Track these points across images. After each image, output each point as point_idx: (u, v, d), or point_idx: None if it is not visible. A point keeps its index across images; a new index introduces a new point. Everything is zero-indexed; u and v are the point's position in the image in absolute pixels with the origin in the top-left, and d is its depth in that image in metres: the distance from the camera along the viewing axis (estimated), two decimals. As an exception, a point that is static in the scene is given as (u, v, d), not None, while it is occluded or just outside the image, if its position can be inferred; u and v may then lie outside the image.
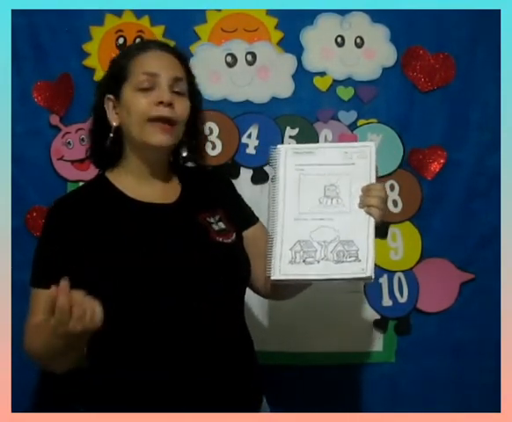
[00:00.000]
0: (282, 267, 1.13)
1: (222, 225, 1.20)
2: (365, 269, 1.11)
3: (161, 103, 1.13)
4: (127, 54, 1.20)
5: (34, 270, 1.16)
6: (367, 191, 1.14)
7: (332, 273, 1.12)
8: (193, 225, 1.18)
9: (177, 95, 1.16)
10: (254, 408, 1.20)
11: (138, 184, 1.20)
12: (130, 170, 1.20)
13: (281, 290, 1.26)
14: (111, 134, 1.18)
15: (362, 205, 1.14)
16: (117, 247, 1.11)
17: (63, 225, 1.14)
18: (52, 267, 1.11)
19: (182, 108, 1.16)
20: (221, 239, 1.18)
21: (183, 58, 1.22)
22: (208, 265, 1.14)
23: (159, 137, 1.14)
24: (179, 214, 1.19)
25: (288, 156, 1.19)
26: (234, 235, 1.20)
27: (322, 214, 1.15)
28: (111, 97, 1.18)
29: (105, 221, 1.14)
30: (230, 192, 1.32)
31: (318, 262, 1.12)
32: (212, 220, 1.21)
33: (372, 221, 1.14)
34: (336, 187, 1.16)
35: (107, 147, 1.19)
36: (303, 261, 1.13)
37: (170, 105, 1.13)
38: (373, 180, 1.16)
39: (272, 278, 1.13)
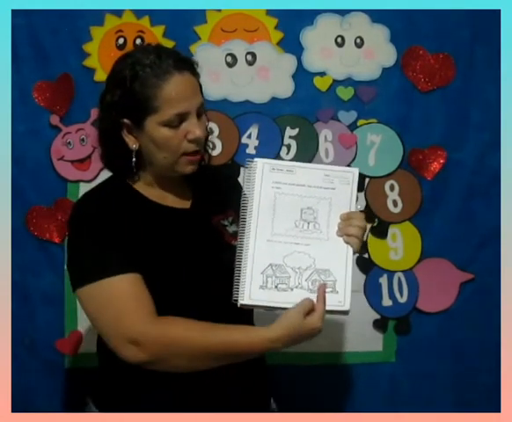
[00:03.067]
0: (252, 292, 1.06)
1: (235, 227, 1.19)
2: (343, 302, 1.07)
3: (193, 140, 1.11)
4: (146, 82, 1.08)
5: (100, 261, 1.05)
6: (347, 219, 1.09)
7: None
8: (210, 229, 1.18)
9: (199, 117, 1.13)
10: (263, 409, 1.21)
11: (154, 189, 1.18)
12: (146, 178, 1.18)
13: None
14: (134, 159, 1.13)
15: (341, 233, 1.09)
16: (142, 250, 1.08)
17: (105, 217, 1.09)
18: (120, 253, 1.06)
19: (204, 130, 1.14)
20: (235, 242, 1.17)
21: (194, 68, 1.15)
22: (225, 269, 1.12)
23: (190, 167, 1.14)
24: (196, 220, 1.18)
25: (265, 172, 1.11)
26: None
27: (297, 239, 1.09)
28: (128, 122, 1.11)
29: (132, 221, 1.10)
30: (238, 191, 1.32)
31: (292, 290, 1.06)
32: (226, 222, 1.21)
33: (351, 252, 1.09)
34: (314, 211, 1.10)
35: (132, 168, 1.15)
36: (275, 287, 1.06)
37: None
38: (353, 208, 1.11)
39: (240, 302, 1.06)
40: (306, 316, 1.03)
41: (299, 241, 1.09)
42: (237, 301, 1.06)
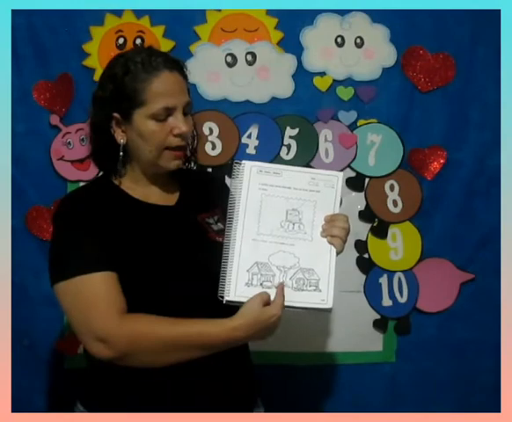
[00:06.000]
0: (238, 289, 1.09)
1: (220, 225, 1.21)
2: (325, 300, 1.10)
3: (179, 134, 1.14)
4: (136, 76, 1.12)
5: (74, 259, 1.08)
6: (331, 221, 1.13)
7: (291, 301, 1.09)
8: (193, 226, 1.20)
9: (185, 116, 1.17)
10: (248, 408, 1.21)
11: (139, 186, 1.21)
12: (132, 176, 1.21)
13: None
14: (121, 153, 1.17)
15: (325, 234, 1.13)
16: (122, 246, 1.11)
17: (86, 215, 1.12)
18: (95, 251, 1.09)
19: (190, 129, 1.18)
20: (220, 239, 1.18)
21: (183, 70, 1.20)
22: (207, 263, 1.14)
23: (175, 163, 1.17)
24: (180, 216, 1.20)
25: (253, 174, 1.14)
26: None
27: (282, 239, 1.12)
28: (117, 116, 1.15)
29: (113, 218, 1.13)
30: (226, 193, 1.33)
31: (276, 287, 1.09)
32: (211, 220, 1.23)
33: (334, 252, 1.12)
34: (299, 213, 1.14)
35: (119, 163, 1.18)
36: (260, 284, 1.09)
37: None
38: (337, 211, 1.14)
39: (226, 298, 1.08)
40: (264, 306, 1.07)
41: (284, 241, 1.12)
42: (222, 297, 1.09)
